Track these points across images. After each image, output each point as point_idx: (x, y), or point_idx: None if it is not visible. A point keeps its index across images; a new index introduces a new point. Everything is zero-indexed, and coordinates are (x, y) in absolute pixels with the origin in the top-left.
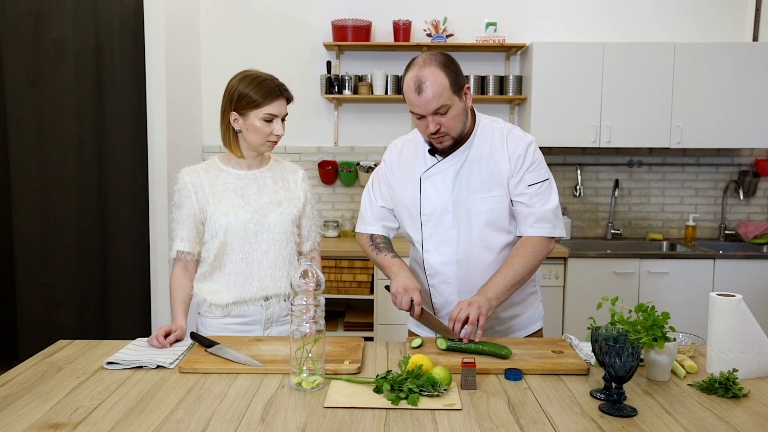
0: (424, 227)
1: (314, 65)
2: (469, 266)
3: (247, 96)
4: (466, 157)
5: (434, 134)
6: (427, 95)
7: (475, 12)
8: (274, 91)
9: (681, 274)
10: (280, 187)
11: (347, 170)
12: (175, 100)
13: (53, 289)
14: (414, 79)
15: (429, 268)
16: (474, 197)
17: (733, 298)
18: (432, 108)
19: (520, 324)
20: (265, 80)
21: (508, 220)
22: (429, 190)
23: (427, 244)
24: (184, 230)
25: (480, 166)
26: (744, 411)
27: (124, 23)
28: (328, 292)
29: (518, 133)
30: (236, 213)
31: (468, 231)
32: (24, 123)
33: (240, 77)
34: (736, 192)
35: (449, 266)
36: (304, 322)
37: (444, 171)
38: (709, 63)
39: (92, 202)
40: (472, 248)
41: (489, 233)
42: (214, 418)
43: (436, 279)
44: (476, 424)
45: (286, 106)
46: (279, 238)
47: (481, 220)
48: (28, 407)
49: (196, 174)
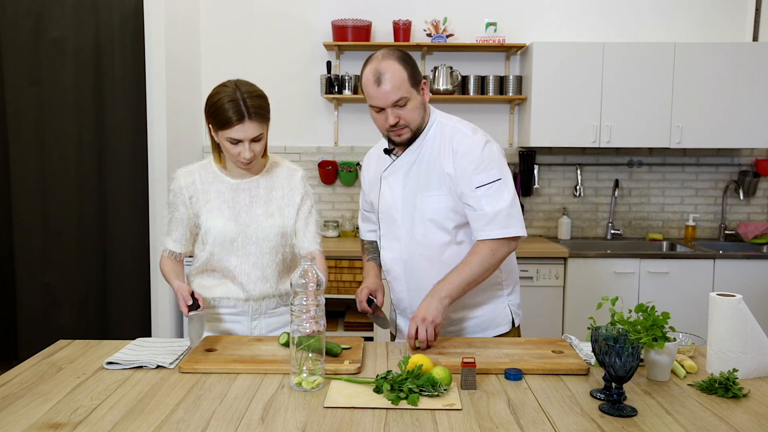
0: (381, 225)
1: (314, 65)
2: (414, 264)
3: (211, 116)
4: (417, 156)
5: (393, 127)
6: (386, 87)
7: (475, 12)
8: (235, 116)
9: (681, 274)
10: (273, 195)
11: (347, 170)
12: (175, 100)
13: (53, 289)
14: (373, 71)
15: (384, 265)
16: (420, 196)
17: (733, 298)
18: (391, 99)
19: (477, 326)
20: (229, 102)
21: (451, 220)
22: (385, 189)
23: (383, 241)
24: (177, 232)
25: (428, 165)
26: (744, 411)
27: (124, 23)
28: (328, 292)
29: (467, 131)
30: (225, 226)
31: (411, 229)
32: (24, 123)
33: (212, 93)
34: (736, 192)
35: (397, 264)
36: (304, 322)
37: (397, 170)
38: (709, 63)
39: (92, 202)
40: (416, 247)
41: (431, 232)
42: (214, 418)
43: (389, 276)
44: (476, 424)
45: (257, 127)
46: (267, 251)
47: (425, 218)
48: (28, 407)
49: (191, 177)
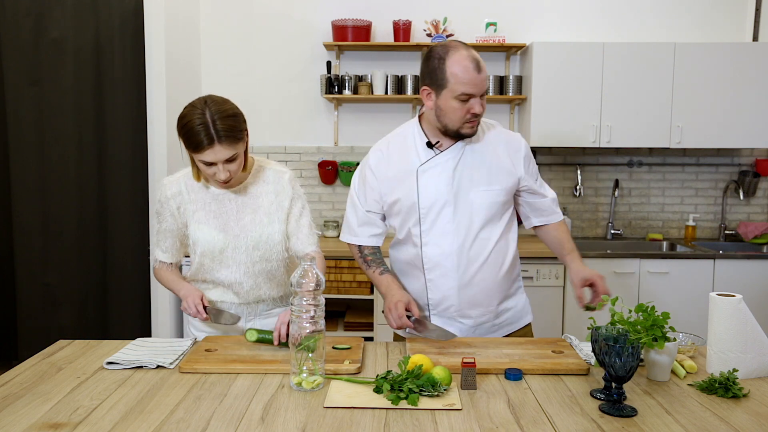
0: (423, 220)
1: (314, 65)
2: (469, 258)
3: (182, 138)
4: (464, 150)
5: (475, 116)
6: (485, 74)
7: (475, 12)
8: (206, 140)
9: (681, 274)
10: (261, 202)
11: (347, 170)
12: (175, 100)
13: (53, 289)
14: (472, 58)
15: (428, 261)
16: (475, 190)
17: (733, 298)
18: (485, 87)
19: (513, 317)
20: (199, 125)
21: (501, 215)
22: (427, 183)
23: (425, 237)
24: (166, 242)
25: (481, 160)
26: (744, 411)
27: (124, 23)
28: (328, 292)
29: (510, 131)
30: (214, 237)
31: (468, 223)
32: (24, 123)
33: (182, 114)
34: (736, 192)
35: (449, 258)
36: (304, 322)
37: (443, 163)
38: (709, 63)
39: (92, 202)
40: (473, 240)
41: (488, 226)
42: (214, 418)
43: (434, 273)
44: (476, 424)
45: (229, 150)
46: (258, 260)
47: (482, 212)
48: (28, 407)
49: (177, 187)
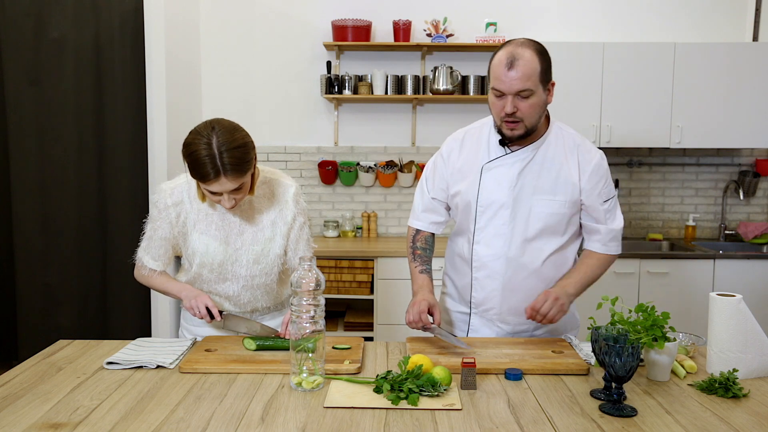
0: (479, 218)
1: (314, 65)
2: (519, 265)
3: (188, 165)
4: (533, 156)
5: (509, 116)
6: (516, 73)
7: (475, 12)
8: (212, 172)
9: (681, 274)
10: (264, 217)
11: (347, 170)
12: (175, 100)
13: (53, 289)
14: (508, 54)
15: (477, 260)
16: (537, 197)
17: (733, 298)
18: (516, 88)
19: (553, 331)
20: (205, 156)
21: (563, 227)
22: (489, 182)
23: (478, 235)
24: (159, 250)
25: (549, 169)
26: (744, 411)
27: (124, 23)
28: (328, 292)
29: (590, 145)
30: (215, 249)
31: (524, 230)
32: (24, 123)
33: (188, 140)
34: (736, 192)
35: (498, 261)
36: (304, 323)
37: (509, 165)
38: (709, 63)
39: (92, 202)
40: (525, 248)
41: (544, 236)
42: (214, 418)
43: (481, 272)
44: (476, 424)
45: (235, 181)
46: (258, 273)
47: (540, 221)
48: (28, 407)
49: (180, 196)
